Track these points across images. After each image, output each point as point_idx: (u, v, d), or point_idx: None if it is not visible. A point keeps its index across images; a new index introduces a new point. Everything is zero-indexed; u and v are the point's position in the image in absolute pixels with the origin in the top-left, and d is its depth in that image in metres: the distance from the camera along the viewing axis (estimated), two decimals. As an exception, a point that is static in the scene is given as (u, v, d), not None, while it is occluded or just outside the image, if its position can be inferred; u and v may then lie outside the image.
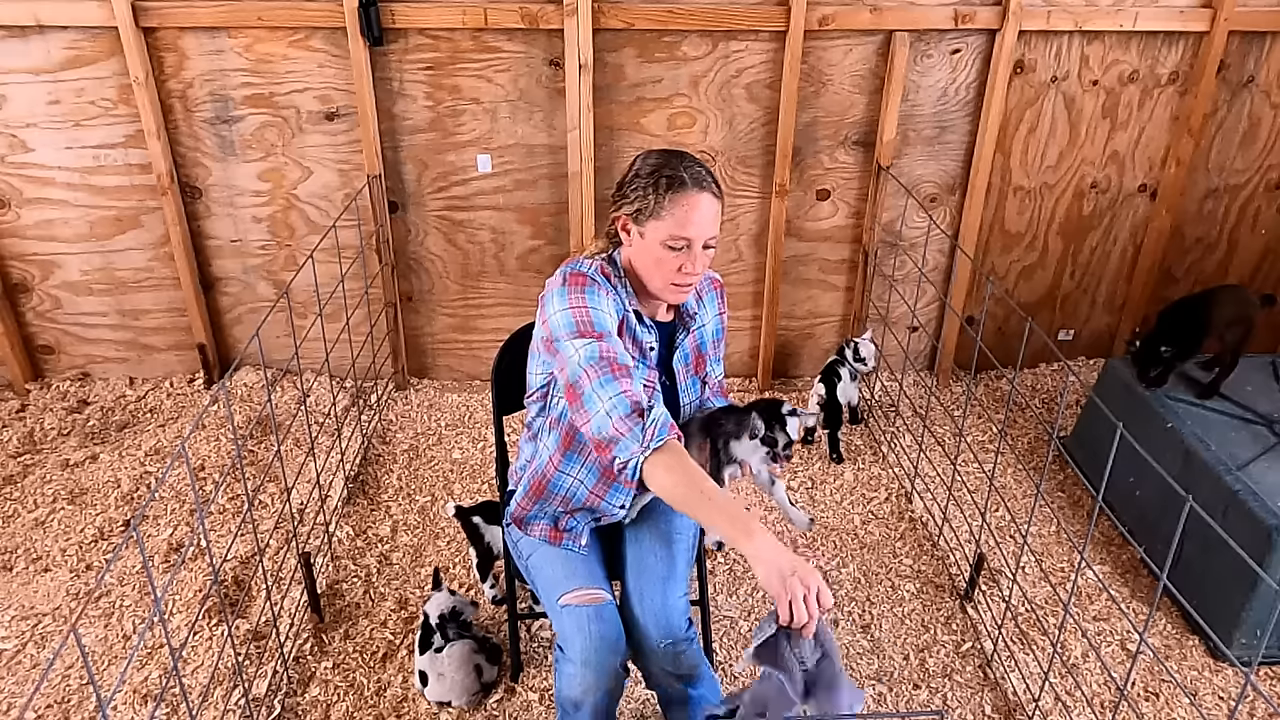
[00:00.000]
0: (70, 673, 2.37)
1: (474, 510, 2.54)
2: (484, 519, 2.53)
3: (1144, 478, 2.82)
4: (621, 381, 1.63)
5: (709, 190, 1.74)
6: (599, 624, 1.80)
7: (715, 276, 2.02)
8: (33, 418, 3.42)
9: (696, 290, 1.93)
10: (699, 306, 1.95)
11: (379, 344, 3.55)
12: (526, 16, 3.05)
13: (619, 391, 1.62)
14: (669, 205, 1.72)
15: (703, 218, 1.73)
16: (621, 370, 1.65)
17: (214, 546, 2.78)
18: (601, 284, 1.77)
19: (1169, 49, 3.29)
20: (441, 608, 2.34)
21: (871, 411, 3.59)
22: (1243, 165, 3.54)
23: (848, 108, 3.31)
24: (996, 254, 3.66)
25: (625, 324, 1.82)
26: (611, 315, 1.75)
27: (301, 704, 2.31)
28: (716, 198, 1.75)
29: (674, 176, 1.72)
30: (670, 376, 1.95)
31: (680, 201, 1.71)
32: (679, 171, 1.73)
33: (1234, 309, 2.87)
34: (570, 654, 1.80)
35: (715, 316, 2.01)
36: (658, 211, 1.73)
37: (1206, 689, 2.41)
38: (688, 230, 1.72)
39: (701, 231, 1.73)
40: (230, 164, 3.30)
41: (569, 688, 1.82)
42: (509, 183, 3.38)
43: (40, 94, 3.15)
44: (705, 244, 1.75)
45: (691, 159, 1.78)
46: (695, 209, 1.72)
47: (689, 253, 1.74)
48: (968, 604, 2.67)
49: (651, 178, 1.74)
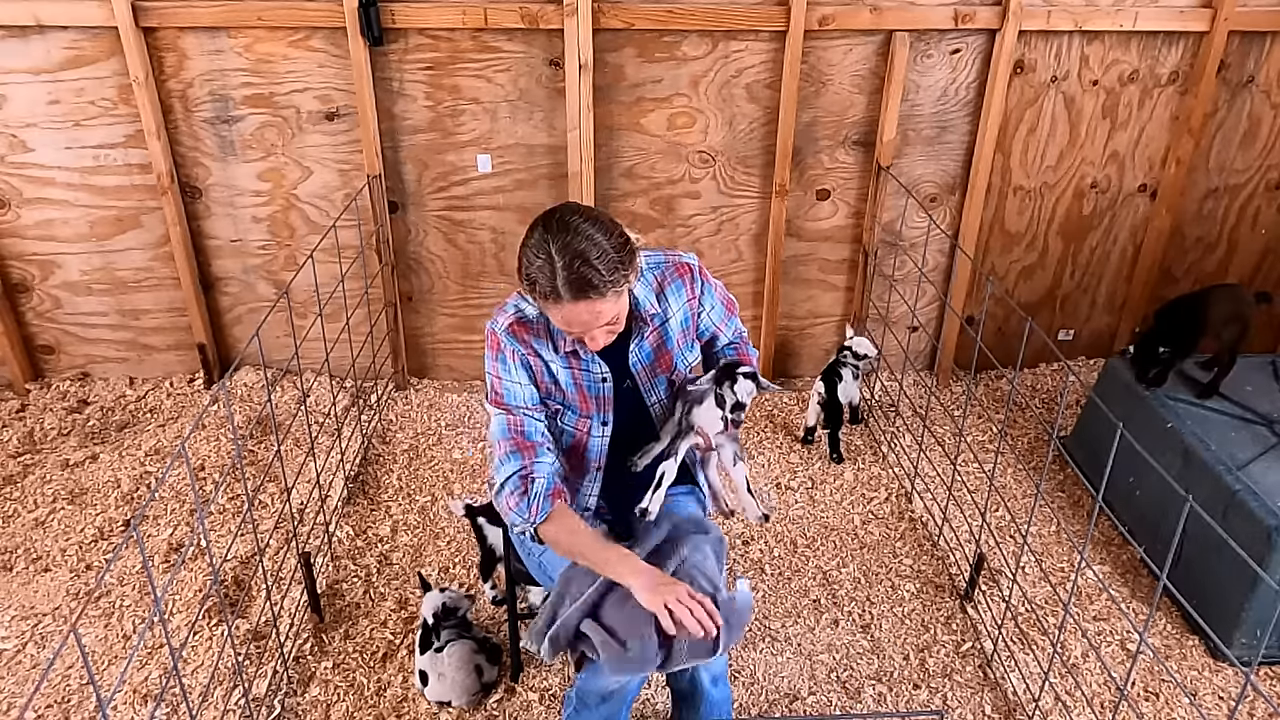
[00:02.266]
0: (70, 673, 2.37)
1: (480, 511, 2.54)
2: (488, 520, 2.52)
3: (1144, 478, 2.82)
4: (523, 456, 1.80)
5: (587, 298, 1.63)
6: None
7: (687, 261, 1.93)
8: (33, 418, 3.42)
9: (657, 285, 1.88)
10: (658, 304, 1.89)
11: (379, 344, 3.55)
12: (526, 16, 3.05)
13: (515, 471, 1.80)
14: (550, 311, 1.69)
15: (581, 320, 1.67)
16: (525, 446, 1.82)
17: (214, 546, 2.78)
18: (509, 348, 1.81)
19: (1169, 49, 3.29)
20: (434, 606, 2.34)
21: (871, 411, 3.59)
22: (1243, 165, 3.54)
23: (848, 108, 3.31)
24: (996, 254, 3.66)
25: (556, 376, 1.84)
26: (521, 384, 1.83)
27: (301, 704, 2.31)
28: (601, 297, 1.64)
29: (549, 290, 1.63)
30: (631, 379, 1.92)
31: (560, 310, 1.66)
32: (552, 283, 1.62)
33: (1229, 307, 2.87)
34: None
35: (684, 305, 1.93)
36: (545, 309, 1.71)
37: (1206, 689, 2.41)
38: (573, 330, 1.71)
39: (589, 327, 1.69)
40: (230, 164, 3.30)
41: (598, 681, 1.80)
42: (509, 183, 3.38)
43: (40, 94, 3.15)
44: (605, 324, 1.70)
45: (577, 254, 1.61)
46: (573, 315, 1.66)
47: (586, 334, 1.72)
48: (968, 604, 2.67)
49: (531, 282, 1.66)
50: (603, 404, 1.90)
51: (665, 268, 1.90)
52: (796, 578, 2.78)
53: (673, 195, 3.43)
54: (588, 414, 1.90)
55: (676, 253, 1.94)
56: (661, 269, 1.90)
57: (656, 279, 1.89)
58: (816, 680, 2.42)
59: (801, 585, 2.75)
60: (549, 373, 1.86)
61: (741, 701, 2.35)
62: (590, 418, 1.91)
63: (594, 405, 1.90)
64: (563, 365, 1.86)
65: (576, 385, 1.88)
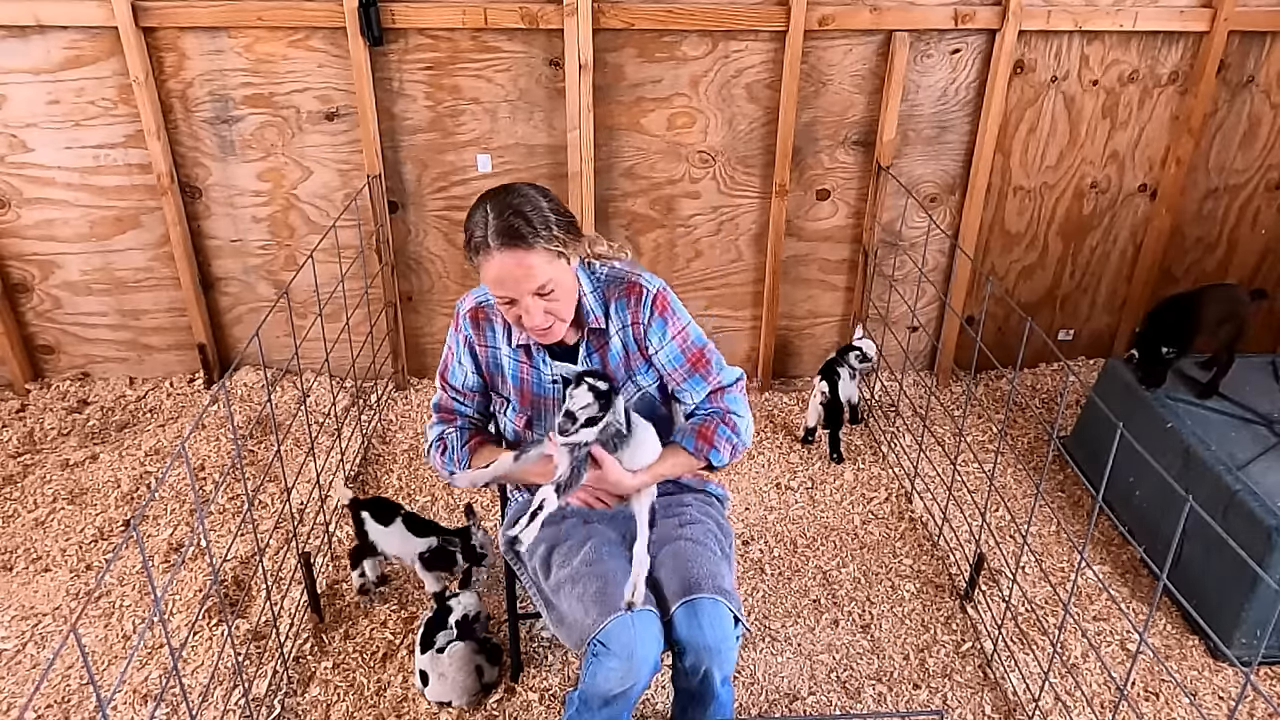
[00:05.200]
0: (70, 673, 2.37)
1: (364, 505, 2.54)
2: (372, 515, 2.52)
3: (1144, 478, 2.82)
4: (446, 425, 2.01)
5: (516, 247, 1.63)
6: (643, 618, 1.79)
7: (643, 283, 1.86)
8: (33, 418, 3.42)
9: (604, 298, 1.86)
10: (604, 319, 1.86)
11: (379, 344, 3.55)
12: (526, 16, 3.05)
13: (438, 435, 2.01)
14: (484, 267, 1.68)
15: (512, 276, 1.65)
16: (448, 416, 2.02)
17: (214, 546, 2.78)
18: (463, 331, 1.93)
19: (1169, 49, 3.29)
20: (468, 609, 2.34)
21: (871, 411, 3.59)
22: (1243, 165, 3.54)
23: (848, 108, 3.31)
24: (996, 254, 3.66)
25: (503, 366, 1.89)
26: (465, 368, 1.97)
27: (301, 704, 2.31)
28: (531, 249, 1.64)
29: (480, 240, 1.65)
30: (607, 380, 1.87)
31: (489, 262, 1.66)
32: (484, 231, 1.65)
33: (1225, 307, 2.87)
34: (615, 649, 1.76)
35: (626, 325, 1.87)
36: (480, 271, 1.70)
37: (1206, 689, 2.41)
38: (503, 290, 1.69)
39: (519, 289, 1.67)
40: (230, 164, 3.30)
41: (608, 683, 1.79)
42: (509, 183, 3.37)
43: (40, 94, 3.15)
44: (538, 293, 1.68)
45: (510, 207, 1.65)
46: (502, 269, 1.65)
47: (520, 304, 1.70)
48: (968, 604, 2.67)
49: (468, 238, 1.69)
50: (542, 405, 1.91)
51: (616, 283, 1.86)
52: (796, 578, 2.78)
53: (673, 195, 3.43)
54: (524, 411, 1.94)
55: (642, 274, 1.88)
56: (612, 284, 1.86)
57: (605, 293, 1.86)
58: (816, 680, 2.42)
59: (801, 585, 2.75)
60: (495, 362, 1.94)
61: (741, 701, 2.35)
62: (526, 414, 1.94)
63: (533, 405, 1.91)
64: (512, 357, 1.89)
65: (521, 380, 1.91)
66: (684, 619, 1.81)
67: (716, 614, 1.81)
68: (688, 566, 1.87)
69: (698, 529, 1.98)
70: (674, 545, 1.94)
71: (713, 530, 2.01)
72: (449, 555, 2.49)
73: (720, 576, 1.88)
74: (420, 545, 2.49)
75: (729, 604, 1.83)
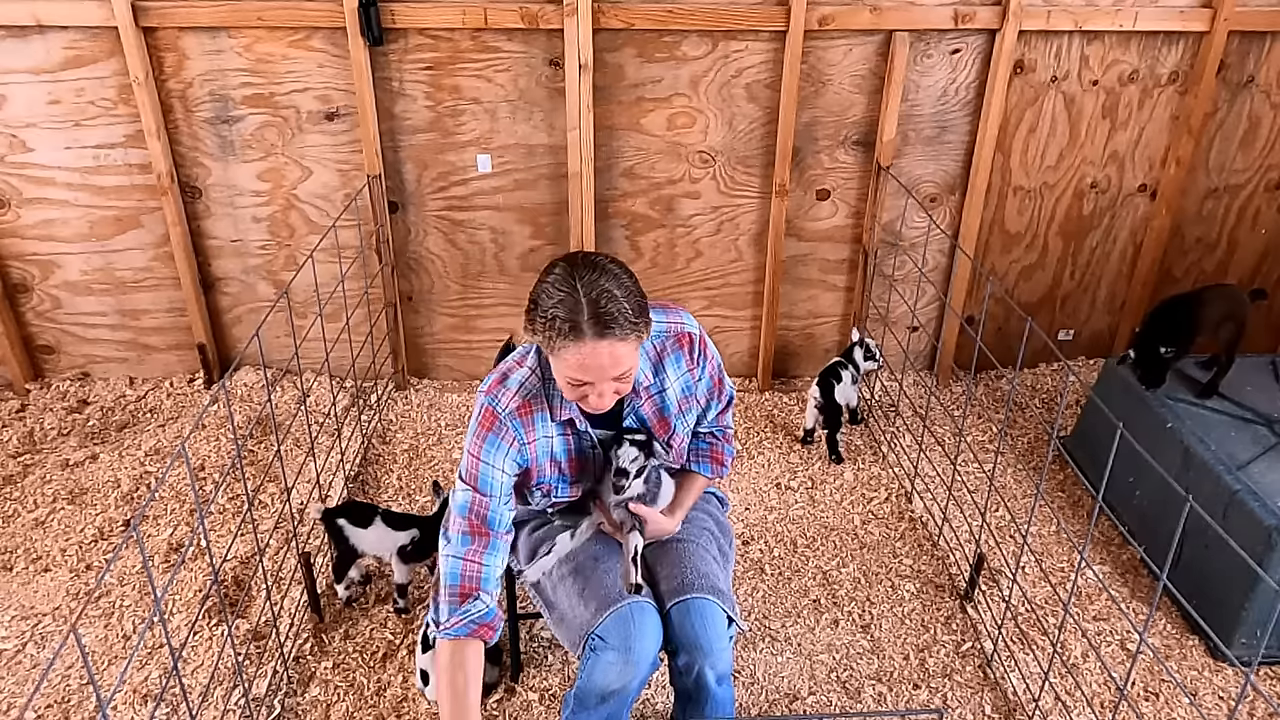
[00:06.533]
0: (70, 673, 2.37)
1: (339, 512, 2.52)
2: (349, 521, 2.51)
3: (1144, 478, 2.82)
4: (475, 542, 1.74)
5: (611, 336, 1.58)
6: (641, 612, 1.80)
7: (688, 330, 1.87)
8: (33, 418, 3.42)
9: (655, 354, 1.84)
10: (654, 376, 1.84)
11: (379, 344, 3.55)
12: (526, 16, 3.05)
13: (462, 554, 1.74)
14: (567, 351, 1.59)
15: (600, 365, 1.60)
16: (481, 532, 1.75)
17: (214, 546, 2.78)
18: (510, 433, 1.75)
19: (1169, 49, 3.29)
20: None
21: (871, 411, 3.59)
22: (1243, 165, 3.54)
23: (848, 108, 3.31)
24: (996, 254, 3.66)
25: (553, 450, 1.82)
26: (505, 472, 1.76)
27: (301, 704, 2.31)
28: (623, 339, 1.59)
29: (568, 324, 1.57)
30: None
31: (579, 349, 1.58)
32: (578, 317, 1.56)
33: (1225, 307, 2.87)
34: (613, 643, 1.77)
35: (684, 374, 1.88)
36: (557, 352, 1.61)
37: (1206, 689, 2.41)
38: (587, 376, 1.63)
39: (603, 375, 1.62)
40: (230, 164, 3.30)
41: (605, 678, 1.79)
42: (509, 183, 3.38)
43: (40, 94, 3.15)
44: (616, 377, 1.65)
45: (604, 291, 1.58)
46: (593, 358, 1.59)
47: (594, 387, 1.66)
48: (968, 604, 2.67)
49: (550, 318, 1.59)
50: (582, 470, 1.89)
51: (666, 338, 1.86)
52: (796, 578, 2.78)
53: (673, 195, 3.43)
54: (578, 480, 1.89)
55: (679, 317, 1.88)
56: (662, 338, 1.86)
57: (655, 348, 1.85)
58: (816, 680, 2.42)
59: (801, 585, 2.75)
60: (546, 450, 1.81)
61: (741, 701, 2.35)
62: (580, 483, 1.90)
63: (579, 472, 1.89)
64: (559, 434, 1.82)
65: (568, 452, 1.85)
66: (677, 618, 1.84)
67: (709, 614, 1.83)
68: (682, 566, 1.90)
69: (694, 529, 2.01)
70: (670, 545, 1.96)
71: (710, 529, 2.04)
72: (429, 546, 2.49)
73: (714, 576, 1.90)
74: (403, 538, 2.49)
75: (722, 604, 1.85)
